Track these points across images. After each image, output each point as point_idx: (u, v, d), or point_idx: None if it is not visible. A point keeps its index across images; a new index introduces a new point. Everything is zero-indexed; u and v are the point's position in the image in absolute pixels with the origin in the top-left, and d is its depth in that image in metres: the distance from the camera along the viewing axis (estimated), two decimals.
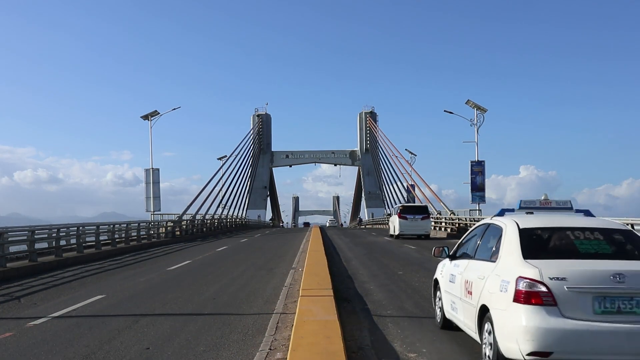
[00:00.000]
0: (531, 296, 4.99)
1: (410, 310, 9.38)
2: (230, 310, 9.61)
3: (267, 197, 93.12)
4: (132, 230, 26.89)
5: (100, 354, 6.87)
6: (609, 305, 4.95)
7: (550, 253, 5.55)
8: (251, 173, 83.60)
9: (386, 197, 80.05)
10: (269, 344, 6.80)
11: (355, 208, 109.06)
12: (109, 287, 12.86)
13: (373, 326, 8.11)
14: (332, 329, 6.40)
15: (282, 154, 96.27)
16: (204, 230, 41.35)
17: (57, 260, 17.97)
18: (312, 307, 7.83)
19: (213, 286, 12.66)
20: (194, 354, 6.84)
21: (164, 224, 34.69)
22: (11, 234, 16.57)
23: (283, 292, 11.17)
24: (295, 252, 21.51)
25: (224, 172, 58.86)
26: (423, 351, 6.70)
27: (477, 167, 40.53)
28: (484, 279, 5.87)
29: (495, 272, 5.65)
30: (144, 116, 42.14)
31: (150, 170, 41.24)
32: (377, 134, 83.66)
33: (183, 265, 17.92)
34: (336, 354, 5.40)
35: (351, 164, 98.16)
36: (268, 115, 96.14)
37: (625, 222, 15.98)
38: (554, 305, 4.94)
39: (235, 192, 67.56)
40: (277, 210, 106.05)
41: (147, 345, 7.28)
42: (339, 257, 19.42)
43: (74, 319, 9.17)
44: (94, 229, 22.33)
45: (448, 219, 37.92)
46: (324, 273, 11.85)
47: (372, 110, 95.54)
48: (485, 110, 40.04)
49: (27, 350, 7.15)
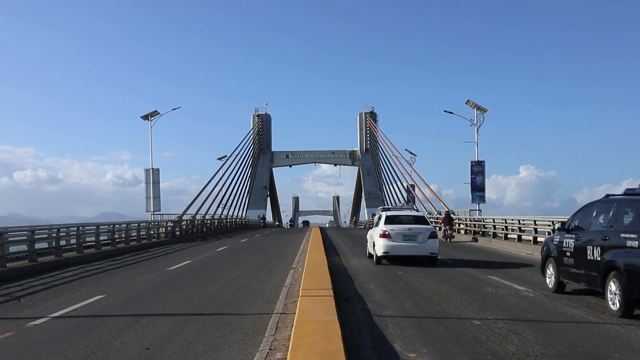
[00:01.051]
0: (384, 235, 16.57)
1: (410, 310, 9.39)
2: (230, 311, 9.61)
3: (267, 197, 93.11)
4: (132, 231, 26.89)
5: (100, 354, 6.87)
6: (405, 237, 16.60)
7: (393, 222, 17.17)
8: (251, 173, 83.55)
9: (386, 197, 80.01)
10: (269, 344, 6.80)
11: (355, 208, 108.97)
12: (109, 287, 12.86)
13: (373, 326, 8.11)
14: (332, 329, 6.39)
15: (282, 154, 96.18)
16: (204, 230, 41.35)
17: (57, 260, 17.97)
18: (312, 307, 7.83)
19: (213, 286, 12.66)
20: (194, 354, 6.84)
21: (164, 224, 34.68)
22: (11, 234, 16.57)
23: (283, 292, 11.17)
24: (295, 252, 21.52)
25: (224, 172, 58.91)
26: (423, 351, 6.70)
27: (477, 167, 40.51)
28: (373, 232, 17.86)
29: (377, 229, 17.13)
30: (144, 116, 42.11)
31: (150, 170, 41.22)
32: (377, 134, 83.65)
33: (183, 265, 17.92)
34: (336, 354, 5.40)
35: (351, 164, 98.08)
36: (268, 115, 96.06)
37: None
38: (390, 238, 16.51)
39: (235, 192, 67.56)
40: (277, 211, 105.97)
41: (147, 345, 7.28)
42: (339, 257, 19.42)
43: (74, 319, 9.17)
44: (94, 229, 22.33)
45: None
46: (324, 273, 11.85)
47: (372, 111, 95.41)
48: (485, 110, 40.03)
49: (27, 350, 7.15)
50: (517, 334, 7.53)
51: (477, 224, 31.49)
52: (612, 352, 6.70)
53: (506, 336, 7.43)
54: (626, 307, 8.74)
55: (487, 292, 11.40)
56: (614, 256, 9.08)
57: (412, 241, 16.53)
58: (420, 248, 16.60)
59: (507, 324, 8.21)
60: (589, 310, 9.40)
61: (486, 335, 7.51)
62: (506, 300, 10.44)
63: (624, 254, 8.84)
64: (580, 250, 10.29)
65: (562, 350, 6.75)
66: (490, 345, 6.98)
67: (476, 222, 32.24)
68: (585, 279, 10.11)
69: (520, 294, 11.12)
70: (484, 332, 7.69)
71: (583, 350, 6.78)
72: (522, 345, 6.97)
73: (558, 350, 6.74)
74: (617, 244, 9.08)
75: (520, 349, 6.77)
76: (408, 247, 16.54)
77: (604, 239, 9.48)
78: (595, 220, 10.16)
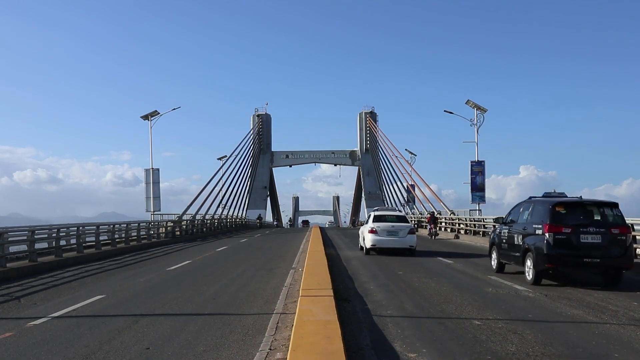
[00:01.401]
0: (372, 231, 19.90)
1: (410, 310, 9.39)
2: (230, 311, 9.61)
3: (267, 197, 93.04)
4: (132, 231, 26.88)
5: (100, 354, 6.87)
6: (389, 233, 19.93)
7: (379, 220, 20.48)
8: (251, 173, 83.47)
9: (386, 197, 79.97)
10: (269, 344, 6.80)
11: (355, 208, 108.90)
12: (109, 287, 12.85)
13: (373, 326, 8.11)
14: (332, 329, 6.39)
15: (282, 154, 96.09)
16: (204, 230, 41.34)
17: (57, 260, 17.96)
18: (312, 307, 7.82)
19: (213, 286, 12.66)
20: (194, 354, 6.84)
21: (164, 224, 34.66)
22: (11, 234, 16.55)
23: (283, 292, 11.17)
24: (295, 252, 21.51)
25: (224, 172, 58.86)
26: (423, 351, 6.70)
27: (477, 167, 40.51)
28: (364, 228, 21.43)
29: (367, 226, 20.63)
30: (144, 116, 42.08)
31: (150, 170, 41.20)
32: (377, 134, 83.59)
33: (183, 265, 17.92)
34: (336, 354, 5.40)
35: (351, 164, 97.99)
36: (268, 115, 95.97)
37: None
38: (376, 233, 19.86)
39: (235, 192, 67.50)
40: (277, 210, 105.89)
41: (147, 345, 7.28)
42: (339, 257, 19.43)
43: (74, 319, 9.16)
44: (94, 229, 22.33)
45: (448, 219, 38.08)
46: (324, 273, 11.85)
47: (372, 110, 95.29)
48: (485, 110, 40.03)
49: (27, 350, 7.15)
50: (517, 334, 7.53)
51: (460, 223, 35.57)
52: (612, 352, 6.70)
53: (506, 336, 7.43)
54: (536, 277, 12.37)
55: (487, 292, 11.40)
56: (528, 241, 12.78)
57: (395, 236, 20.06)
58: (401, 242, 20.08)
59: (507, 324, 8.21)
60: (589, 310, 9.41)
61: (486, 335, 7.51)
62: (506, 300, 10.44)
63: (534, 239, 12.54)
64: (511, 238, 13.92)
65: (562, 350, 6.75)
66: (490, 345, 6.98)
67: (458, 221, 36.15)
68: (514, 259, 13.67)
69: (520, 294, 11.12)
70: (484, 332, 7.69)
71: (583, 350, 6.79)
72: (522, 345, 6.97)
73: (558, 350, 6.74)
74: (531, 233, 12.77)
75: (520, 349, 6.77)
76: (391, 240, 20.06)
77: (524, 229, 13.21)
78: (522, 216, 13.76)
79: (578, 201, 12.73)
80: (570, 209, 12.43)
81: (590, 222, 12.21)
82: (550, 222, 12.12)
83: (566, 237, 12.01)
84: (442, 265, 16.80)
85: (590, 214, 12.47)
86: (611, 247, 12.02)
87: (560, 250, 11.99)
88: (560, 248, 12.00)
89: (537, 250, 12.21)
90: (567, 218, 12.21)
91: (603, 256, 11.96)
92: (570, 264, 12.19)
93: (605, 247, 11.98)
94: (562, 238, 12.00)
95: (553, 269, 12.34)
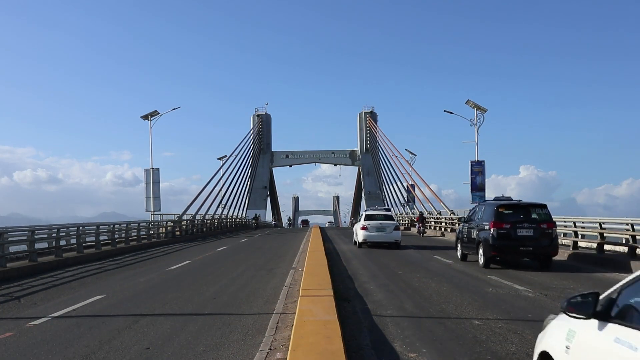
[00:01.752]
0: (363, 228, 23.51)
1: (410, 310, 9.39)
2: (230, 310, 9.61)
3: (267, 197, 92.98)
4: (132, 230, 26.88)
5: (100, 354, 6.87)
6: (378, 229, 23.44)
7: (370, 219, 23.91)
8: (251, 173, 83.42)
9: (386, 197, 79.93)
10: (269, 344, 6.80)
11: (355, 208, 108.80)
12: (109, 287, 12.85)
13: (373, 326, 8.11)
14: (332, 329, 6.39)
15: (282, 154, 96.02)
16: (204, 230, 41.33)
17: (57, 260, 17.96)
18: (312, 307, 7.82)
19: (213, 286, 12.66)
20: (194, 354, 6.84)
21: (164, 224, 34.66)
22: (11, 234, 16.56)
23: (283, 292, 11.17)
24: (295, 252, 21.52)
25: (224, 172, 58.83)
26: (423, 351, 6.70)
27: (477, 167, 40.49)
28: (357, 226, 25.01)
29: (359, 224, 24.33)
30: (143, 116, 42.03)
31: (150, 170, 41.17)
32: (377, 134, 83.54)
33: (183, 265, 17.92)
34: (336, 354, 5.40)
35: (351, 164, 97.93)
36: (268, 115, 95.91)
37: (625, 221, 16.84)
38: (367, 230, 23.44)
39: (235, 192, 67.45)
40: (277, 210, 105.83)
41: (147, 345, 7.28)
42: (339, 257, 19.43)
43: (74, 319, 9.16)
44: (94, 229, 22.33)
45: (448, 218, 38.11)
46: (324, 273, 11.86)
47: (372, 110, 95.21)
48: (485, 110, 40.00)
49: (27, 350, 7.15)
50: (517, 334, 7.53)
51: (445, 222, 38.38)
52: None
53: (506, 336, 7.43)
54: (485, 262, 15.62)
55: (487, 292, 11.40)
56: (480, 234, 16.08)
57: (382, 232, 23.54)
58: (388, 237, 23.54)
59: (507, 323, 8.21)
60: None
61: (486, 335, 7.51)
62: (506, 300, 10.43)
63: (484, 233, 15.78)
64: (469, 233, 17.22)
65: None
66: (490, 345, 6.98)
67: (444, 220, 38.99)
68: (471, 250, 16.96)
69: (520, 294, 11.12)
70: (484, 332, 7.69)
71: None
72: (522, 345, 6.97)
73: None
74: (482, 228, 16.04)
75: (520, 349, 6.77)
76: (379, 236, 23.56)
77: (477, 225, 16.52)
78: (477, 215, 17.15)
79: (516, 203, 16.12)
80: (510, 209, 15.71)
81: (525, 219, 15.44)
82: (494, 220, 15.40)
83: (506, 231, 15.25)
84: (442, 265, 16.83)
85: (527, 213, 15.63)
86: (541, 238, 15.21)
87: (502, 242, 15.25)
88: (502, 240, 15.24)
89: (485, 242, 15.58)
90: (507, 216, 15.47)
91: (535, 245, 15.16)
92: (510, 251, 15.50)
93: (536, 239, 15.18)
94: (504, 232, 15.25)
95: (498, 256, 15.67)
